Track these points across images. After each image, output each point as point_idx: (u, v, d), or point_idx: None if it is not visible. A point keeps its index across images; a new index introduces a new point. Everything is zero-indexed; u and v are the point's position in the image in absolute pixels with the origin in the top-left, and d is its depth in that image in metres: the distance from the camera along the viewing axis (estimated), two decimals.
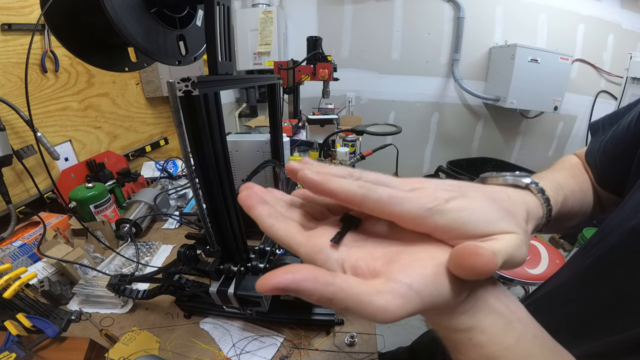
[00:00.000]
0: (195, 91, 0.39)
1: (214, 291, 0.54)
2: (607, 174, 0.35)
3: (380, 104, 2.70)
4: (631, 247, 0.27)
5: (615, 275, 0.29)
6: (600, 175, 0.36)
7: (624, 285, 0.28)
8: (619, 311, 0.28)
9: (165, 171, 1.35)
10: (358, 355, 0.61)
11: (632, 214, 0.28)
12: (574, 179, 0.36)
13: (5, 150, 0.85)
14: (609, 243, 0.29)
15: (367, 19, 2.45)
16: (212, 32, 0.45)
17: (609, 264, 0.30)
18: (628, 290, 0.27)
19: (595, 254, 0.31)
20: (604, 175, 0.36)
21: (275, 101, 0.77)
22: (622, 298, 0.28)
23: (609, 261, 0.30)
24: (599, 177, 0.36)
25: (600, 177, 0.36)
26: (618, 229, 0.29)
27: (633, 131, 0.32)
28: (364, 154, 1.27)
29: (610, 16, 2.35)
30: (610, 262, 0.29)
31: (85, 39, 0.51)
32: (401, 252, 0.18)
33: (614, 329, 0.27)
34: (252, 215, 0.20)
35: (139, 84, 1.52)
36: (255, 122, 1.98)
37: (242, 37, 2.28)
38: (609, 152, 0.35)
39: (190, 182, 0.47)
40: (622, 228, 0.28)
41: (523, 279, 1.26)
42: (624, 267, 0.28)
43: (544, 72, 2.23)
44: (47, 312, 0.61)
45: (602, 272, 0.30)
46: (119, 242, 0.94)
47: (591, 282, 0.32)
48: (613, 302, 0.28)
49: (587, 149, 0.39)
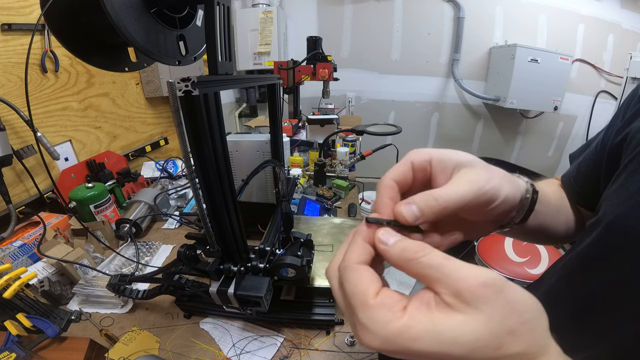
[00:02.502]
0: (195, 91, 0.39)
1: (214, 291, 0.54)
2: (583, 190, 0.40)
3: (380, 104, 2.70)
4: (608, 242, 0.30)
5: (595, 269, 0.32)
6: (577, 193, 0.41)
7: (607, 279, 0.30)
8: (608, 304, 0.30)
9: (165, 171, 1.35)
10: (358, 355, 0.62)
11: (604, 212, 0.31)
12: (555, 186, 0.43)
13: (5, 150, 0.85)
14: (587, 241, 0.32)
15: (367, 19, 2.45)
16: (212, 32, 0.45)
17: (588, 260, 0.33)
18: (611, 284, 0.29)
19: (575, 250, 0.35)
20: (580, 192, 0.40)
21: (275, 101, 0.77)
22: (605, 292, 0.30)
23: (588, 257, 0.33)
24: (576, 195, 0.41)
25: (577, 194, 0.41)
26: (593, 227, 0.32)
27: (600, 150, 0.37)
28: (364, 154, 1.27)
29: (610, 16, 2.34)
30: (589, 258, 0.32)
31: (85, 39, 0.51)
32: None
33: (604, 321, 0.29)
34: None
35: (139, 84, 1.52)
36: (255, 122, 1.98)
37: (242, 37, 2.28)
38: (582, 170, 0.40)
39: (190, 182, 0.47)
40: (598, 226, 0.31)
41: (523, 278, 1.27)
42: (604, 261, 0.30)
43: (544, 72, 2.23)
44: (47, 312, 0.61)
45: (583, 267, 0.33)
46: (119, 242, 0.94)
47: (574, 279, 0.35)
48: (598, 296, 0.31)
49: (563, 174, 0.44)
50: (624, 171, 0.31)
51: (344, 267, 0.22)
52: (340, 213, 1.15)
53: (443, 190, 0.24)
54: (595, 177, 0.37)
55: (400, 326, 0.18)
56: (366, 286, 0.20)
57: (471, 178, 0.25)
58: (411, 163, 0.26)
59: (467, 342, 0.17)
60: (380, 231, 0.22)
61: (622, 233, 0.28)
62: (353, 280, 0.21)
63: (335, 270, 0.23)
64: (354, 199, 1.25)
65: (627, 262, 0.28)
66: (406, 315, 0.19)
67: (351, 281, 0.21)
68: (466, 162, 0.26)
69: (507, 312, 0.17)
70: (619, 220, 0.29)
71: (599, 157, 0.37)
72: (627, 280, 0.27)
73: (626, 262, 0.28)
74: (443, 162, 0.26)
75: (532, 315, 0.18)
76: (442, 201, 0.23)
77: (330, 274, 0.24)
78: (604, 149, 0.36)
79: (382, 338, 0.18)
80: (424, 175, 0.27)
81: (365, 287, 0.20)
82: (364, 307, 0.19)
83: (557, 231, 0.40)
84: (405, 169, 0.26)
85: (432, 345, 0.18)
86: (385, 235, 0.22)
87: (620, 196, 0.30)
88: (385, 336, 0.18)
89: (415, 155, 0.27)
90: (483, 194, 0.25)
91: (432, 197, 0.23)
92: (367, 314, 0.19)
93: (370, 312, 0.19)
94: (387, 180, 0.26)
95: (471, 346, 0.17)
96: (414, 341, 0.18)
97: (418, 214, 0.23)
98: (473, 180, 0.24)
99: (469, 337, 0.17)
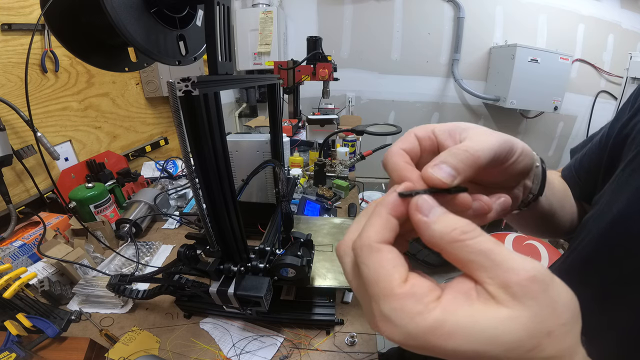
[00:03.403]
0: (195, 91, 0.39)
1: (214, 291, 0.54)
2: (585, 184, 0.40)
3: (380, 104, 2.71)
4: (610, 238, 0.30)
5: (596, 266, 0.31)
6: (580, 187, 0.40)
7: (608, 275, 0.30)
8: (609, 301, 0.29)
9: (165, 171, 1.35)
10: (358, 355, 0.61)
11: (606, 208, 0.31)
12: (558, 177, 0.43)
13: (5, 150, 0.85)
14: (588, 238, 0.32)
15: (367, 19, 2.45)
16: (212, 32, 0.45)
17: (590, 257, 0.32)
18: (612, 281, 0.29)
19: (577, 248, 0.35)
20: (583, 186, 0.40)
21: (275, 101, 0.77)
22: (607, 289, 0.30)
23: (590, 254, 0.32)
24: (579, 188, 0.41)
25: (580, 188, 0.40)
26: (595, 224, 0.31)
27: (604, 144, 0.36)
28: (364, 154, 1.27)
29: (610, 16, 2.35)
30: (590, 255, 0.32)
31: (85, 39, 0.51)
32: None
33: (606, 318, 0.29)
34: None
35: (139, 84, 1.52)
36: (255, 122, 1.98)
37: (242, 37, 2.28)
38: (584, 165, 0.40)
39: (190, 182, 0.47)
40: (600, 222, 0.31)
41: None
42: (606, 257, 0.30)
43: (544, 72, 2.24)
44: (47, 312, 0.61)
45: (584, 265, 0.33)
46: (119, 242, 0.94)
47: (574, 277, 0.34)
48: (599, 293, 0.30)
49: (564, 167, 0.44)
50: (628, 166, 0.30)
51: (362, 245, 0.18)
52: (340, 213, 1.15)
53: (467, 142, 0.21)
54: (598, 171, 0.37)
55: (433, 321, 0.16)
56: (390, 271, 0.17)
57: (485, 132, 0.23)
58: (414, 134, 0.24)
59: (506, 341, 0.15)
60: (418, 199, 0.19)
61: (625, 229, 0.28)
62: (374, 264, 0.18)
63: (348, 248, 0.20)
64: (354, 199, 1.25)
65: (629, 259, 0.27)
66: (439, 307, 0.16)
67: (372, 265, 0.18)
68: (471, 125, 0.24)
69: (550, 312, 0.16)
70: (623, 217, 0.28)
71: (602, 151, 0.37)
72: (628, 277, 0.27)
73: (628, 259, 0.28)
74: (447, 129, 0.24)
75: (570, 317, 0.16)
76: (473, 151, 0.20)
77: (342, 252, 0.21)
78: (607, 143, 0.36)
79: (408, 333, 0.16)
80: (431, 144, 0.24)
81: (388, 273, 0.17)
82: (387, 297, 0.17)
83: (564, 220, 0.39)
84: (411, 138, 0.24)
85: (466, 343, 0.15)
86: (426, 205, 0.18)
87: (624, 192, 0.29)
88: (413, 331, 0.16)
89: (416, 128, 0.24)
90: (504, 142, 0.23)
91: (461, 150, 0.20)
92: (392, 305, 0.16)
93: (396, 303, 0.16)
94: (396, 149, 0.23)
95: (508, 346, 0.15)
96: (447, 339, 0.15)
97: (453, 172, 0.20)
98: (488, 133, 0.23)
99: (509, 336, 0.15)
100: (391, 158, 0.22)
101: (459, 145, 0.21)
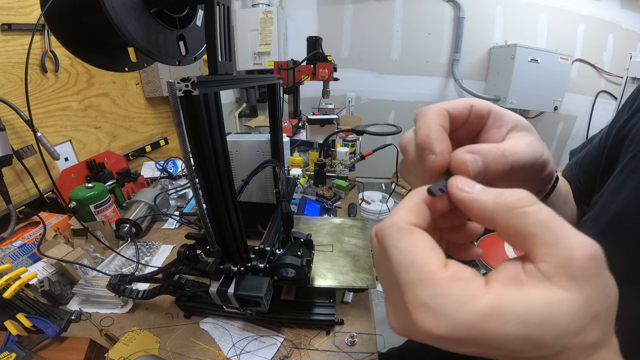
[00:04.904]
0: (195, 91, 0.39)
1: (214, 291, 0.54)
2: (584, 186, 0.40)
3: (380, 104, 2.71)
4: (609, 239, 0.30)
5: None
6: (579, 188, 0.40)
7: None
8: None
9: (165, 171, 1.35)
10: (358, 355, 0.61)
11: (603, 210, 0.31)
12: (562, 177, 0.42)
13: (5, 150, 0.85)
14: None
15: (367, 19, 2.45)
16: (212, 32, 0.45)
17: None
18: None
19: None
20: (583, 187, 0.40)
21: (275, 101, 0.77)
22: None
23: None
24: (578, 190, 0.41)
25: (579, 190, 0.40)
26: (592, 225, 0.32)
27: (602, 145, 0.37)
28: (364, 154, 1.27)
29: (610, 16, 2.35)
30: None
31: (85, 39, 0.51)
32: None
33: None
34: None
35: (139, 84, 1.52)
36: (255, 122, 1.98)
37: (242, 37, 2.28)
38: (584, 166, 0.40)
39: (190, 182, 0.47)
40: (597, 224, 0.31)
41: None
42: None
43: (544, 72, 2.24)
44: (47, 312, 0.61)
45: None
46: (119, 242, 0.94)
47: None
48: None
49: (565, 167, 0.44)
50: (625, 168, 0.30)
51: (391, 225, 0.17)
52: (340, 213, 1.15)
53: (509, 145, 0.21)
54: (596, 173, 0.37)
55: (486, 307, 0.14)
56: (428, 253, 0.16)
57: (530, 142, 0.22)
58: (471, 105, 0.22)
59: (559, 324, 0.14)
60: (459, 178, 0.18)
61: (623, 230, 0.28)
62: (406, 246, 0.16)
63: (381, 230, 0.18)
64: (354, 199, 1.25)
65: (626, 260, 0.27)
66: (491, 292, 0.15)
67: (404, 247, 0.16)
68: (524, 125, 0.23)
69: (599, 293, 0.14)
70: (621, 217, 0.29)
71: (600, 153, 0.37)
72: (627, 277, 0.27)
73: (625, 260, 0.28)
74: (501, 119, 0.23)
75: (614, 300, 0.15)
76: (510, 159, 0.20)
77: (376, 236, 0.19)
78: (605, 145, 0.36)
79: (457, 322, 0.14)
80: (479, 123, 0.23)
81: (426, 255, 0.16)
82: (427, 282, 0.15)
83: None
84: (464, 106, 0.22)
85: (521, 328, 0.14)
86: (467, 183, 0.17)
87: (621, 193, 0.29)
88: (463, 320, 0.14)
89: (476, 100, 0.23)
90: (539, 158, 0.22)
91: (500, 152, 0.19)
92: (433, 291, 0.15)
93: (439, 289, 0.15)
94: (439, 108, 0.21)
95: (560, 330, 0.14)
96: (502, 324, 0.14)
97: (481, 168, 0.19)
98: (532, 143, 0.22)
99: (564, 320, 0.14)
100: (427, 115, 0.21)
101: (499, 146, 0.20)
